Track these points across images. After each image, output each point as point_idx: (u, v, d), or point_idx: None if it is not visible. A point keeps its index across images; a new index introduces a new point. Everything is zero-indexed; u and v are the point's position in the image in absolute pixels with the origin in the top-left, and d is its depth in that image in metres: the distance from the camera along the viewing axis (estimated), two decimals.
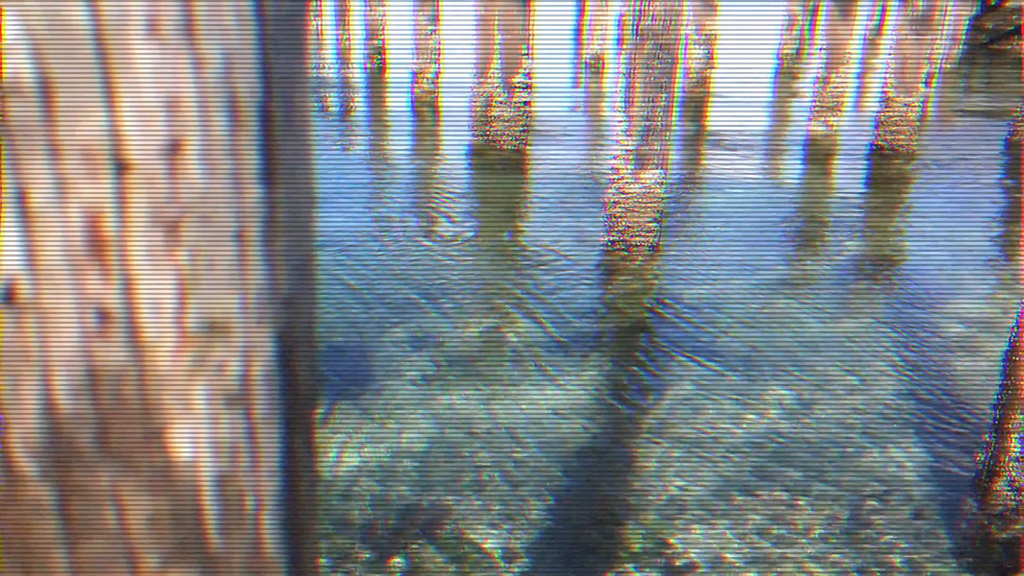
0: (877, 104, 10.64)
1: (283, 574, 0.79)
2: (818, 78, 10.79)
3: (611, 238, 6.87)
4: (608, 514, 3.74)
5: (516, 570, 3.38)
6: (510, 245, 7.01)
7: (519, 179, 8.99)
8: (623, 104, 6.49)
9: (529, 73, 9.51)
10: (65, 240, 0.60)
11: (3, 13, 0.55)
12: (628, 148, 6.57)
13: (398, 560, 3.40)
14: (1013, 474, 3.47)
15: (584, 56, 17.19)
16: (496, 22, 9.19)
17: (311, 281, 0.75)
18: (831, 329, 5.70)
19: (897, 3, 9.88)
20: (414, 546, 3.48)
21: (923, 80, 10.10)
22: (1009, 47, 21.43)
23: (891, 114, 10.37)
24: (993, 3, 22.10)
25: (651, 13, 6.18)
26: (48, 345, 0.62)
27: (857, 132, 11.65)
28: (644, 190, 6.67)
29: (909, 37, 9.88)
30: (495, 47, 9.29)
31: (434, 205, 7.99)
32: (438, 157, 9.75)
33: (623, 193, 6.71)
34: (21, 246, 0.59)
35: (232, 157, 0.63)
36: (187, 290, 0.63)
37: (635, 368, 5.05)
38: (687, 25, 13.83)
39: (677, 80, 6.42)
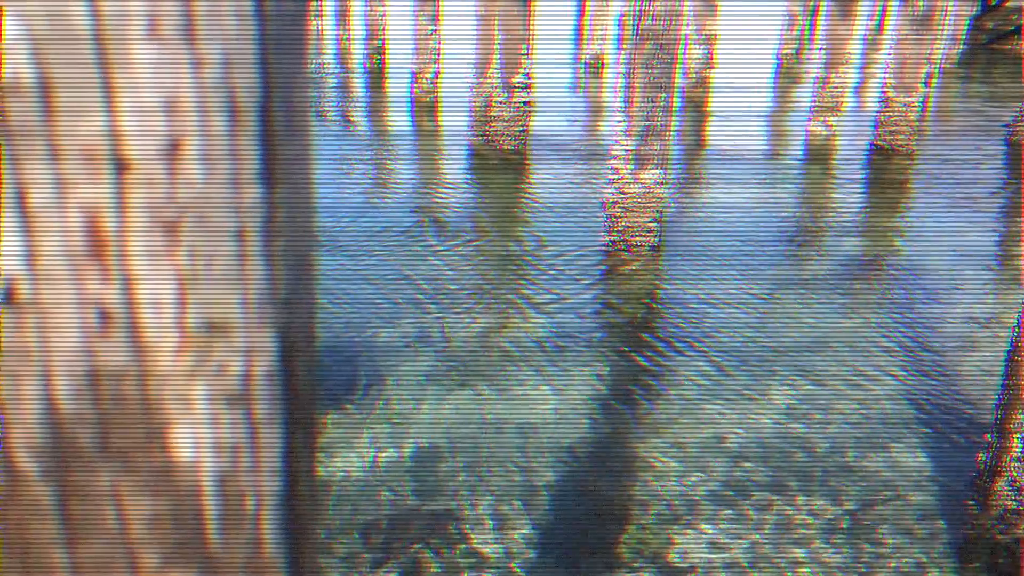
0: (877, 104, 10.63)
1: (283, 574, 0.79)
2: (818, 78, 10.79)
3: (611, 238, 6.87)
4: (608, 514, 3.74)
5: (516, 571, 3.38)
6: (510, 245, 7.01)
7: (519, 179, 8.98)
8: (623, 104, 6.48)
9: (529, 73, 9.51)
10: (65, 240, 0.60)
11: (3, 13, 0.55)
12: (628, 148, 6.57)
13: (398, 560, 3.40)
14: (1014, 474, 3.47)
15: (584, 56, 17.19)
16: (496, 22, 9.19)
17: (311, 281, 0.75)
18: (832, 329, 5.70)
19: (897, 3, 9.88)
20: (414, 546, 3.48)
21: (923, 80, 10.10)
22: (1009, 47, 21.43)
23: (891, 114, 10.37)
24: (993, 3, 22.10)
25: (651, 13, 6.18)
26: (48, 345, 0.62)
27: (857, 132, 11.65)
28: (644, 190, 6.67)
29: (909, 37, 9.88)
30: (495, 47, 9.29)
31: (434, 205, 7.99)
32: (438, 157, 9.76)
33: (623, 193, 6.71)
34: (21, 246, 0.59)
35: (231, 157, 0.63)
36: (187, 290, 0.63)
37: (635, 368, 5.05)
38: (687, 25, 13.82)
39: (677, 80, 6.42)
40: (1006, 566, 3.46)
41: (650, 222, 6.78)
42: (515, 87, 9.48)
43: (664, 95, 6.40)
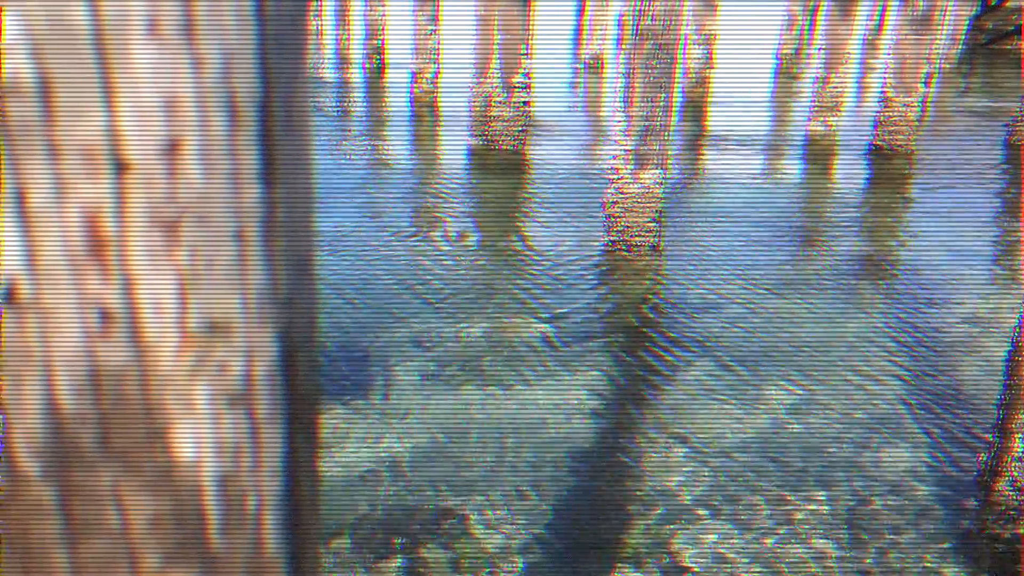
0: (876, 104, 10.64)
1: (284, 574, 0.79)
2: (817, 78, 10.79)
3: (611, 238, 6.87)
4: (608, 513, 3.74)
5: (516, 570, 3.38)
6: (510, 245, 7.01)
7: (518, 179, 8.99)
8: (622, 104, 6.49)
9: (528, 73, 9.51)
10: (65, 240, 0.60)
11: (3, 13, 0.55)
12: (627, 148, 6.57)
13: (398, 560, 3.40)
14: (1015, 474, 3.47)
15: (583, 56, 17.19)
16: (496, 22, 9.19)
17: (312, 281, 0.75)
18: (832, 329, 5.70)
19: (897, 3, 9.89)
20: (414, 546, 3.48)
21: (922, 80, 10.10)
22: (1009, 47, 21.44)
23: (890, 114, 10.38)
24: (993, 3, 22.10)
25: (651, 13, 6.18)
26: (49, 345, 0.62)
27: (856, 132, 11.65)
28: (643, 190, 6.67)
29: (909, 37, 9.88)
30: (494, 47, 9.29)
31: (433, 206, 7.99)
32: (437, 158, 9.76)
33: (622, 193, 6.71)
34: (21, 246, 0.59)
35: (231, 157, 0.63)
36: (188, 290, 0.63)
37: (635, 368, 5.05)
38: (687, 25, 13.83)
39: (676, 80, 6.42)
40: (1007, 565, 3.47)
41: (650, 222, 6.78)
42: (515, 87, 9.49)
43: (664, 95, 6.40)
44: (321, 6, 19.57)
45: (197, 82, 0.60)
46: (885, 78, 10.30)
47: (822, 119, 10.92)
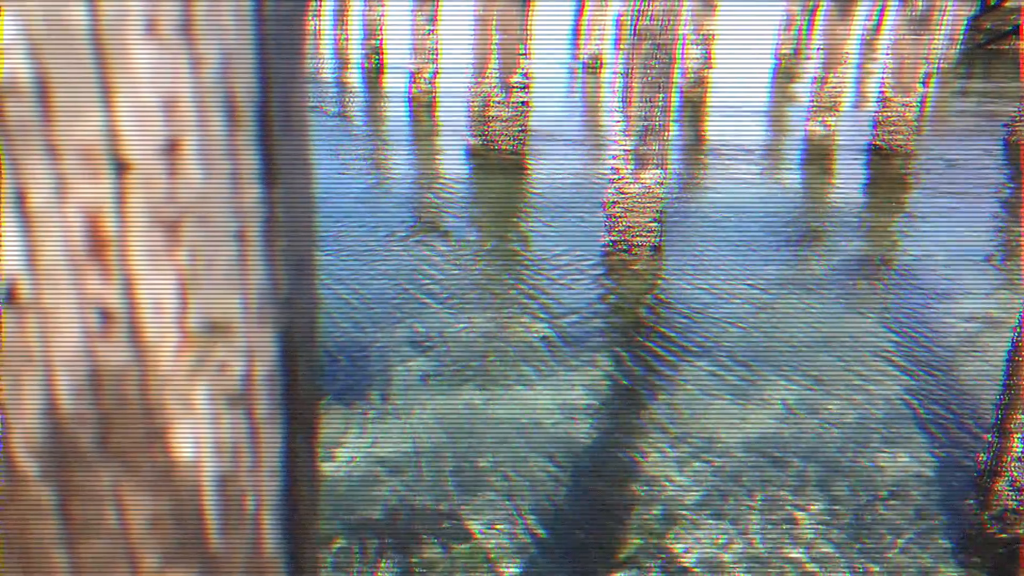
0: (875, 104, 10.64)
1: (283, 574, 0.79)
2: (816, 78, 10.79)
3: (611, 238, 6.87)
4: (608, 514, 3.74)
5: (516, 569, 3.38)
6: (510, 245, 7.01)
7: (518, 179, 8.98)
8: (621, 104, 6.49)
9: (527, 73, 9.51)
10: (65, 240, 0.60)
11: (2, 13, 0.55)
12: (627, 148, 6.57)
13: (398, 559, 3.40)
14: (1015, 474, 3.47)
15: (582, 56, 17.19)
16: (494, 22, 9.19)
17: (312, 280, 0.75)
18: (832, 329, 5.70)
19: (896, 3, 9.89)
20: (414, 545, 3.48)
21: (921, 80, 10.11)
22: (1007, 47, 21.45)
23: (889, 114, 10.38)
24: (992, 3, 22.12)
25: (649, 13, 6.18)
26: (49, 345, 0.62)
27: (855, 132, 11.65)
28: (643, 190, 6.67)
29: (907, 37, 9.88)
30: (493, 47, 9.29)
31: (433, 205, 7.99)
32: (436, 157, 9.76)
33: (622, 193, 6.71)
34: (21, 246, 0.59)
35: (231, 157, 0.63)
36: (188, 290, 0.63)
37: (636, 368, 5.05)
38: (685, 25, 13.83)
39: (675, 80, 6.42)
40: (1006, 565, 3.47)
41: (650, 222, 6.78)
42: (513, 87, 9.48)
43: (662, 95, 6.40)
44: (320, 6, 19.57)
45: (196, 82, 0.60)
46: (884, 78, 10.30)
47: (821, 119, 10.92)
